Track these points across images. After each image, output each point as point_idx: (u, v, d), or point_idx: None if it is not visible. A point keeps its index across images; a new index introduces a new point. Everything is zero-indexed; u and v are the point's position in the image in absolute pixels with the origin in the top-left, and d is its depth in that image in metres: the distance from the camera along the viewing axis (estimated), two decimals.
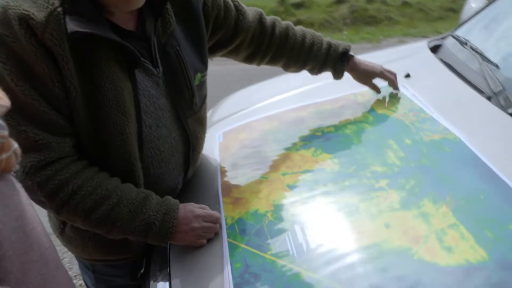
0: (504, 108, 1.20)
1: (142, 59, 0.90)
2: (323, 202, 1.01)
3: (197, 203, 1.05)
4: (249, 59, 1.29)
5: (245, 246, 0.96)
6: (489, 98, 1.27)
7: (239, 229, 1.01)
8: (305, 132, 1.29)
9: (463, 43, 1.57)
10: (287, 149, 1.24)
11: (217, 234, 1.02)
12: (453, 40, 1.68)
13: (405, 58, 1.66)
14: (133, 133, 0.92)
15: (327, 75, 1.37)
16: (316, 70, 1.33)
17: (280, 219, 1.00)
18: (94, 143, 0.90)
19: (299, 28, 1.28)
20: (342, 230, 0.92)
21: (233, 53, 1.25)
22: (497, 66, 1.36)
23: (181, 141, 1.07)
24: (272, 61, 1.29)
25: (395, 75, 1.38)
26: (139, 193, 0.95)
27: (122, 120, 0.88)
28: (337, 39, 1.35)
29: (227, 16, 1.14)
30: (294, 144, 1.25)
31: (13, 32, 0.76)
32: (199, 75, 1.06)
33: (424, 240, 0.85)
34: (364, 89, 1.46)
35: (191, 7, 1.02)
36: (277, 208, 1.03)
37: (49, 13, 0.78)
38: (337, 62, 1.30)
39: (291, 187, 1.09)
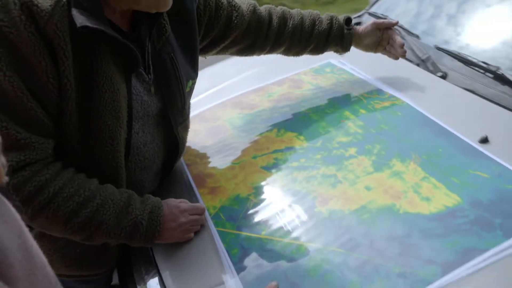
0: (433, 72, 1.35)
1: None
2: (302, 177, 1.05)
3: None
4: (248, 51, 1.25)
5: (237, 232, 0.96)
6: (418, 65, 1.41)
7: (225, 216, 1.01)
8: (262, 115, 1.32)
9: (382, 18, 1.71)
10: (249, 133, 1.25)
11: (203, 226, 1.00)
12: (370, 17, 1.82)
13: None
14: (123, 139, 0.87)
15: (262, 61, 1.40)
16: (321, 47, 1.29)
17: (264, 199, 1.02)
18: (81, 148, 0.83)
19: (295, 10, 1.27)
20: (329, 199, 0.97)
21: (229, 49, 1.21)
22: (417, 37, 1.52)
23: (164, 149, 1.04)
24: (273, 48, 1.26)
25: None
26: (122, 192, 0.90)
27: (114, 124, 0.83)
28: None
29: (218, 15, 1.10)
30: (255, 127, 1.27)
31: (10, 18, 0.68)
32: (190, 82, 1.04)
33: (404, 195, 0.94)
34: (306, 68, 1.53)
35: (185, 10, 0.98)
36: (258, 190, 1.05)
37: (56, 3, 0.71)
38: (344, 29, 1.27)
39: (265, 168, 1.11)
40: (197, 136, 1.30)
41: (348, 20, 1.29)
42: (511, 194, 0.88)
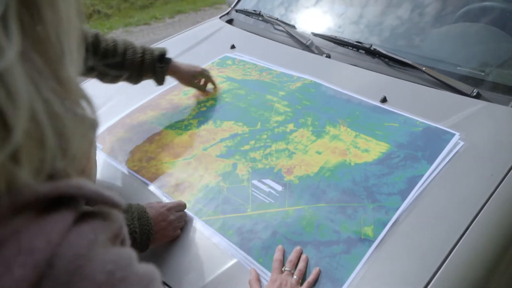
0: (319, 54, 1.61)
1: None
2: (259, 156, 1.16)
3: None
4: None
5: (223, 216, 1.03)
6: (303, 49, 1.65)
7: (204, 206, 1.05)
8: (190, 111, 1.37)
9: (256, 14, 1.91)
10: (186, 130, 1.29)
11: (186, 222, 1.03)
12: (240, 14, 2.00)
13: (214, 34, 1.88)
14: None
15: None
16: (134, 77, 1.28)
17: (234, 182, 1.10)
18: None
19: (109, 36, 1.24)
20: (292, 168, 1.11)
21: None
22: (294, 27, 1.76)
23: None
24: (88, 72, 1.21)
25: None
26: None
27: None
28: None
29: None
30: (189, 124, 1.32)
31: None
32: None
33: (348, 152, 1.15)
34: (208, 63, 1.62)
35: None
36: (225, 176, 1.12)
37: None
38: (156, 65, 1.27)
39: (221, 156, 1.18)
40: (131, 142, 1.28)
41: (162, 56, 1.30)
42: (418, 134, 1.18)
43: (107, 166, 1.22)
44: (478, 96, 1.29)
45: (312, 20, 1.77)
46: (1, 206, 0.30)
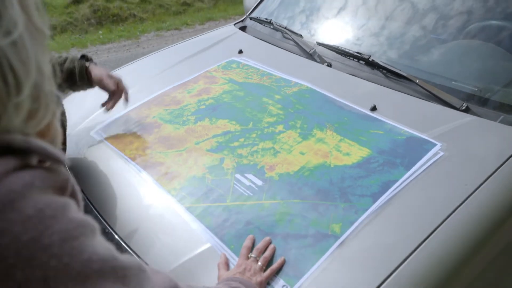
0: (321, 62, 1.67)
1: None
2: (246, 153, 1.23)
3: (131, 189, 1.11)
4: None
5: (203, 205, 1.10)
6: (307, 57, 1.72)
7: (188, 194, 1.13)
8: (190, 108, 1.45)
9: (267, 22, 1.99)
10: (183, 125, 1.38)
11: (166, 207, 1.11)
12: (254, 22, 2.09)
13: (227, 39, 1.97)
14: None
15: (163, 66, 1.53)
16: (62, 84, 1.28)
17: (219, 175, 1.17)
18: None
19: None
20: (274, 166, 1.17)
21: None
22: (301, 36, 1.83)
23: None
24: None
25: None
26: None
27: None
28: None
29: None
30: (187, 119, 1.40)
31: None
32: None
33: (330, 154, 1.20)
34: (214, 65, 1.71)
35: None
36: (211, 168, 1.19)
37: None
38: (83, 64, 1.29)
39: (210, 150, 1.26)
40: (132, 133, 1.37)
41: (83, 56, 1.34)
42: (401, 142, 1.22)
43: (109, 152, 1.32)
44: (467, 110, 1.32)
45: (319, 30, 1.84)
46: None
